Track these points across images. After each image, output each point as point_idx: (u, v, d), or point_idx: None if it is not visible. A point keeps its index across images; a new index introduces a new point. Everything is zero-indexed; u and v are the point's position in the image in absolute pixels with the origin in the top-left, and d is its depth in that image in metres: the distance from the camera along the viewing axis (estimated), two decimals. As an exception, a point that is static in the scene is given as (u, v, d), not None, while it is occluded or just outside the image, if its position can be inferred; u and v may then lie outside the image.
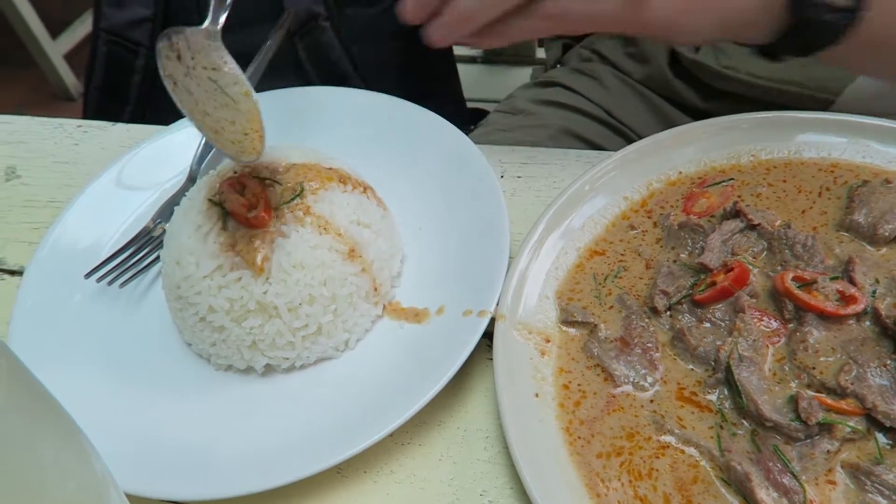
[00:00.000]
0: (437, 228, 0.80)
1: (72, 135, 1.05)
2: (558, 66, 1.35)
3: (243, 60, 0.99)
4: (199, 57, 0.74)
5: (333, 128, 0.92)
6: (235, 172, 0.73)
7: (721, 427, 0.60)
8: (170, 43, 0.72)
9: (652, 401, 0.63)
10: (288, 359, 0.71)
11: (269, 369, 0.72)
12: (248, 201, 0.71)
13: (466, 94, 1.72)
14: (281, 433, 0.66)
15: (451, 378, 0.65)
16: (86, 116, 1.48)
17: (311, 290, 0.69)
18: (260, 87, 0.97)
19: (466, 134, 0.85)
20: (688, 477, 0.58)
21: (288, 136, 0.81)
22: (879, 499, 0.54)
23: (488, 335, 0.68)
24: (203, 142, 0.91)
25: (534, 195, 0.86)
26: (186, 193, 0.77)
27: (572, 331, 0.69)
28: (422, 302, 0.75)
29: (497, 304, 0.69)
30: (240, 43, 1.09)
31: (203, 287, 0.69)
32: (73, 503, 0.31)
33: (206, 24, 0.76)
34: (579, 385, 0.65)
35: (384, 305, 0.75)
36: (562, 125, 1.15)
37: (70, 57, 3.35)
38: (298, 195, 0.72)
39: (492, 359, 0.66)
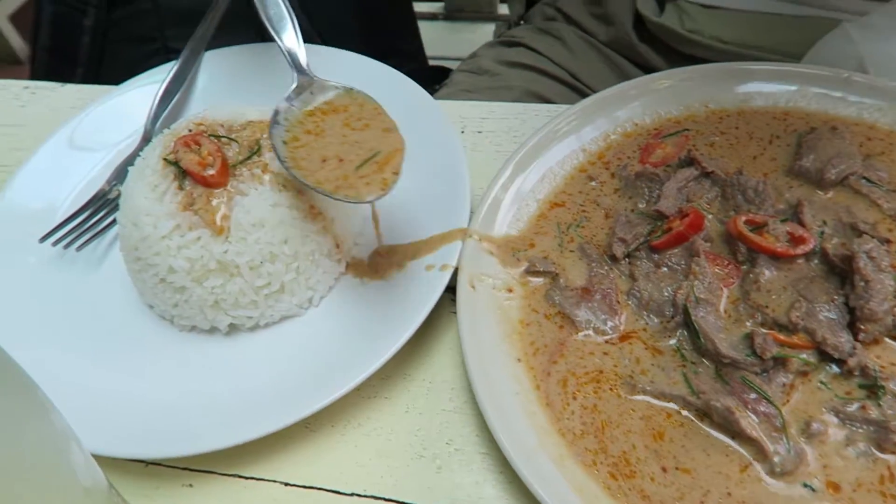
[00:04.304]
0: (399, 185, 0.80)
1: (18, 97, 1.01)
2: (521, 23, 1.34)
3: (197, 17, 0.96)
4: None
5: (291, 85, 0.90)
6: (190, 131, 0.72)
7: (684, 366, 0.62)
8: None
9: (613, 343, 0.65)
10: (251, 318, 0.71)
11: (233, 329, 0.72)
12: (204, 160, 0.69)
13: (428, 51, 1.70)
14: (248, 390, 0.67)
15: (414, 331, 0.65)
16: (34, 79, 1.43)
17: (273, 248, 0.68)
18: (215, 44, 0.95)
19: (431, 94, 0.84)
20: (665, 426, 0.60)
21: (244, 93, 0.80)
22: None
23: (451, 289, 0.69)
24: (157, 100, 0.88)
25: (494, 149, 0.86)
26: (141, 153, 0.75)
27: (534, 280, 0.70)
28: (385, 257, 0.75)
29: (459, 258, 0.70)
30: (194, 1, 1.06)
31: (162, 247, 0.68)
32: (29, 455, 0.31)
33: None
34: (541, 334, 0.67)
35: (347, 262, 0.75)
36: (526, 87, 1.15)
37: (15, 18, 3.20)
38: (255, 153, 0.71)
39: (455, 312, 0.67)
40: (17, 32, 3.23)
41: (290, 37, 0.77)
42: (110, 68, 1.42)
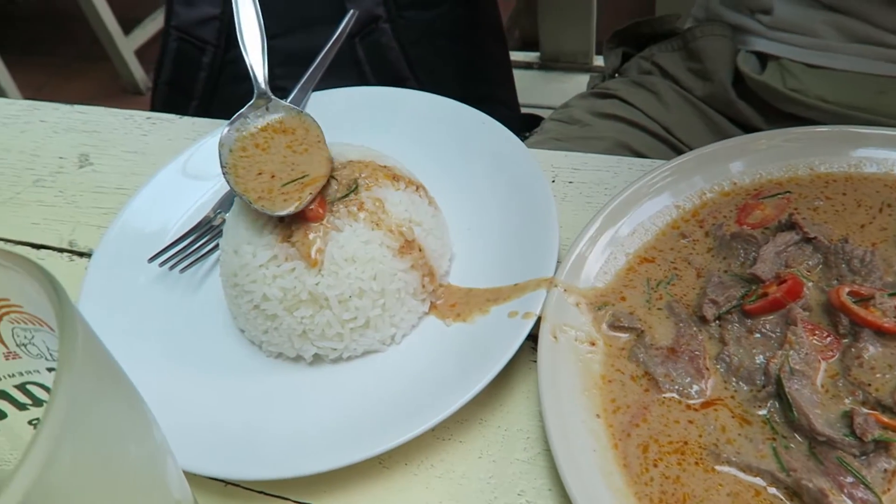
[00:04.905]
0: (486, 229, 0.81)
1: (141, 126, 1.10)
2: (616, 75, 1.34)
3: (305, 60, 1.02)
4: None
5: (388, 127, 0.94)
6: (294, 167, 0.76)
7: (773, 440, 0.59)
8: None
9: (696, 409, 0.63)
10: (336, 350, 0.72)
11: (317, 359, 0.74)
12: (305, 195, 0.73)
13: (521, 99, 1.72)
14: (327, 421, 0.68)
15: (493, 377, 0.65)
16: (153, 110, 1.55)
17: (362, 284, 0.70)
18: (319, 86, 1.00)
19: (521, 140, 0.86)
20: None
21: (344, 133, 0.83)
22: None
23: (533, 337, 0.68)
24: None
25: (584, 200, 0.86)
26: (246, 185, 0.79)
27: (618, 335, 0.69)
28: (468, 301, 0.76)
29: (543, 307, 0.69)
30: (302, 42, 1.13)
31: (258, 276, 0.71)
32: (133, 465, 0.33)
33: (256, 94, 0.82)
34: (623, 393, 0.65)
35: (431, 303, 0.76)
36: (618, 138, 1.15)
37: (140, 53, 3.49)
38: (353, 191, 0.74)
39: (535, 360, 0.67)
40: (141, 66, 3.51)
41: (256, 58, 0.85)
42: (221, 102, 1.53)
